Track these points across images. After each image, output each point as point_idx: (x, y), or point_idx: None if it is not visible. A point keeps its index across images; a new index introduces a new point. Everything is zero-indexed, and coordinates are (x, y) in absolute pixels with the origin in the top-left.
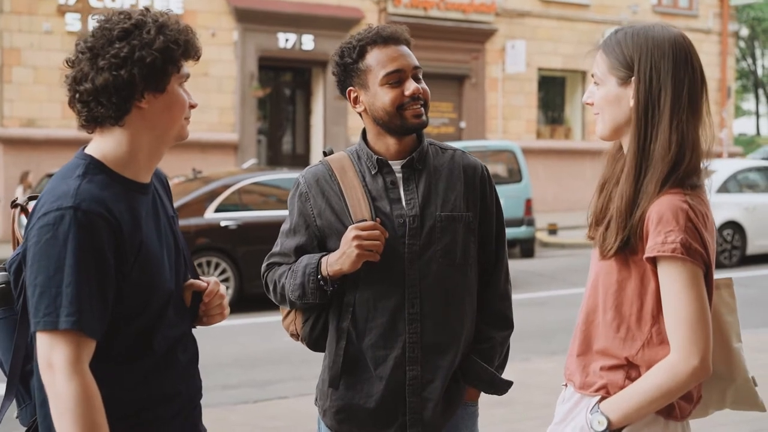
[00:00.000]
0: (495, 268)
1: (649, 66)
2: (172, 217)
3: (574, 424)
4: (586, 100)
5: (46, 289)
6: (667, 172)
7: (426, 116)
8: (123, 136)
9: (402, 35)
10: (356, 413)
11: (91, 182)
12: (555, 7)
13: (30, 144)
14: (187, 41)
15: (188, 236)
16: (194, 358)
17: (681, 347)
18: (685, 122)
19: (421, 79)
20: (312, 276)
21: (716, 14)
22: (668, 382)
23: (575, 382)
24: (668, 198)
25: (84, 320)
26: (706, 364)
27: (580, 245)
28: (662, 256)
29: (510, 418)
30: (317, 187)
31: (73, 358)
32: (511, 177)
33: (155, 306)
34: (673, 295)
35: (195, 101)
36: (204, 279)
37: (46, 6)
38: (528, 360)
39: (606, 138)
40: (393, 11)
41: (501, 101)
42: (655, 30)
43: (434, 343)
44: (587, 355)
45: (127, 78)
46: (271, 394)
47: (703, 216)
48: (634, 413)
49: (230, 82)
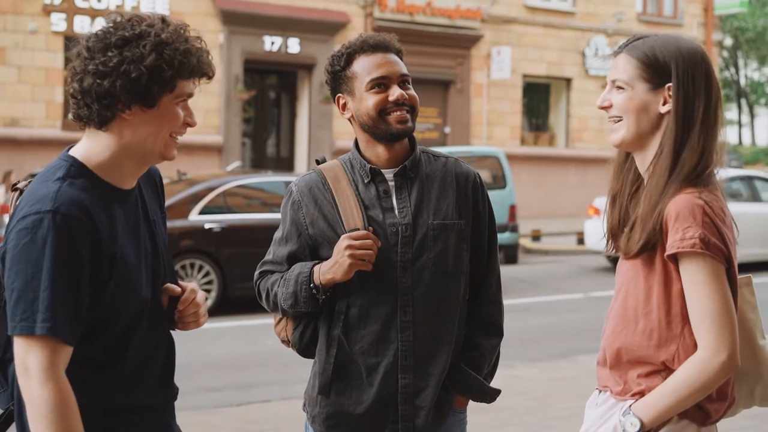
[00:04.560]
0: (486, 275)
1: (688, 75)
2: (154, 221)
3: (606, 426)
4: (603, 104)
5: (23, 293)
6: (690, 175)
7: (412, 122)
8: (107, 141)
9: (391, 43)
10: (346, 420)
11: (71, 185)
12: (541, 14)
13: (13, 143)
14: (183, 63)
15: (172, 238)
16: (170, 367)
17: (708, 343)
18: (709, 129)
19: (409, 87)
20: (304, 284)
21: (700, 23)
22: (698, 378)
23: (611, 389)
24: (684, 196)
25: (59, 326)
26: (735, 357)
27: (563, 252)
28: (682, 252)
29: (492, 424)
30: (310, 195)
31: (47, 364)
32: (495, 183)
33: (129, 314)
34: (696, 292)
35: (194, 120)
36: (182, 284)
37: (31, 5)
38: (510, 366)
39: (627, 146)
40: (379, 16)
41: (486, 107)
42: (682, 40)
43: (426, 350)
44: (620, 367)
45: (108, 88)
46: (255, 397)
47: (720, 211)
48: (665, 412)
49: (215, 84)
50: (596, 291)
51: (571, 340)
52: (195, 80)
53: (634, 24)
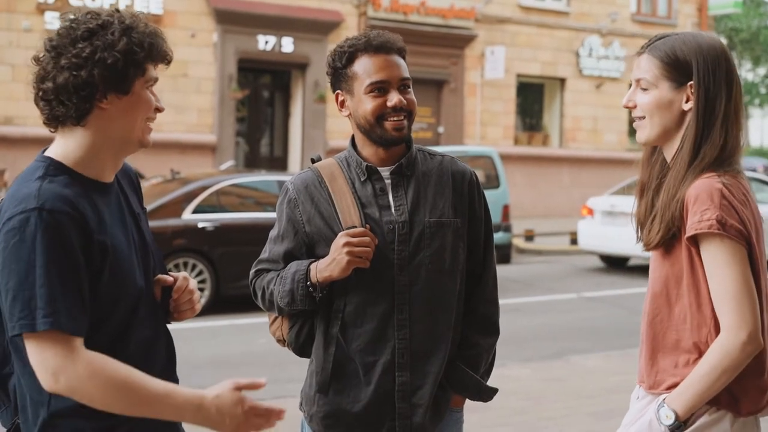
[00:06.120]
0: (483, 273)
1: (708, 72)
2: (138, 215)
3: (642, 420)
4: (628, 104)
5: (19, 292)
6: (711, 165)
7: (408, 129)
8: (84, 136)
9: (395, 44)
10: (344, 418)
11: (52, 182)
12: (535, 14)
13: (7, 142)
14: (152, 44)
15: (165, 237)
16: (171, 358)
17: (728, 323)
18: (730, 123)
19: (408, 90)
20: (301, 282)
21: (694, 24)
22: (722, 360)
23: (645, 383)
24: (703, 180)
25: (61, 319)
26: (756, 337)
27: (556, 252)
28: (701, 234)
29: (485, 423)
30: (306, 193)
31: (65, 355)
32: (488, 183)
33: (126, 305)
34: (715, 273)
35: (163, 105)
36: (172, 274)
37: (25, 4)
38: (503, 366)
39: (652, 143)
40: (373, 15)
41: (479, 107)
42: (703, 37)
43: (423, 349)
44: (656, 355)
45: (86, 78)
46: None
47: (741, 195)
48: (697, 399)
49: (209, 83)
50: (589, 291)
51: (563, 340)
52: (156, 65)
53: (628, 24)
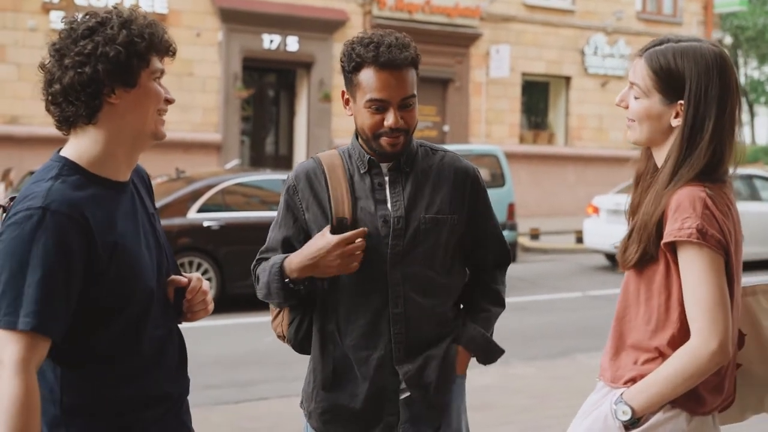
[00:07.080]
0: (491, 266)
1: (699, 93)
2: (152, 215)
3: (597, 413)
4: (620, 103)
5: (8, 287)
6: (693, 177)
7: (405, 145)
8: (97, 134)
9: (404, 60)
10: (342, 414)
11: (64, 183)
12: (540, 12)
13: (13, 141)
14: (152, 34)
15: (170, 236)
16: (183, 358)
17: (700, 331)
18: (719, 138)
19: (409, 107)
20: (276, 275)
21: (700, 22)
22: (689, 366)
23: (606, 376)
24: (687, 189)
25: (42, 322)
26: (725, 347)
27: (561, 250)
28: (679, 242)
29: (490, 422)
30: (306, 181)
31: (21, 358)
32: (493, 181)
33: (137, 304)
34: (691, 281)
35: (172, 97)
36: (186, 275)
37: (30, 3)
38: (508, 364)
39: (641, 145)
40: (378, 14)
41: (484, 105)
42: (701, 49)
43: (418, 342)
44: (619, 352)
45: (91, 74)
46: (253, 394)
47: (724, 205)
48: (657, 400)
49: (214, 82)
50: (595, 290)
51: (569, 338)
52: (162, 57)
53: (634, 22)
